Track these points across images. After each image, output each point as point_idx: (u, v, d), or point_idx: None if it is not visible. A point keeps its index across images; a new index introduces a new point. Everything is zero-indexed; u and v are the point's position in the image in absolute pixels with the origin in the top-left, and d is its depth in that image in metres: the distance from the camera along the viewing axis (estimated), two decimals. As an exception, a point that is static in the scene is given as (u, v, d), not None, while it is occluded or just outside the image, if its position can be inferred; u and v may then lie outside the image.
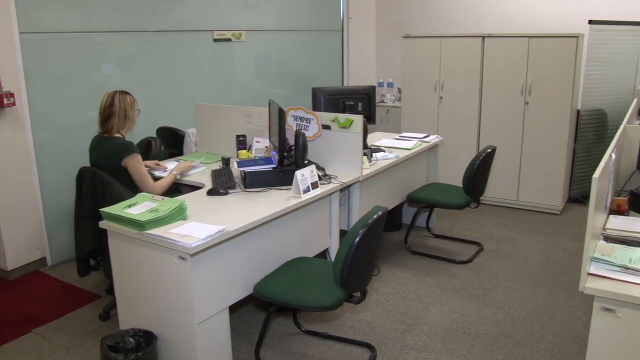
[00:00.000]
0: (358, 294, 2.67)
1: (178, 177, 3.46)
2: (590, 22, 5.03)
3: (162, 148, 4.09)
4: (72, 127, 4.19)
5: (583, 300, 3.48)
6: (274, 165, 3.28)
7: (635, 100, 4.31)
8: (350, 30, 6.88)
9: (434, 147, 4.67)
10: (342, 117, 3.47)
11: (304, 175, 3.03)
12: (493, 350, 2.99)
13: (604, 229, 2.33)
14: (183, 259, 2.40)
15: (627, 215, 2.53)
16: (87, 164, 3.34)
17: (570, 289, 3.67)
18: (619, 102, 5.22)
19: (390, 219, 4.66)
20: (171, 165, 3.73)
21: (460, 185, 4.11)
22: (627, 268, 1.98)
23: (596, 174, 1.85)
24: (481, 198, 4.28)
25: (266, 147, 3.76)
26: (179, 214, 2.62)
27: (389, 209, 4.08)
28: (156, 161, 3.77)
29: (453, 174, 4.40)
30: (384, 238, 4.57)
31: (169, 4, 4.84)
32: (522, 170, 5.31)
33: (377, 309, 3.46)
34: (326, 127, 3.54)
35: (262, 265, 2.85)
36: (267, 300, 2.68)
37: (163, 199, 2.74)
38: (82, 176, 3.21)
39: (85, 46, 4.26)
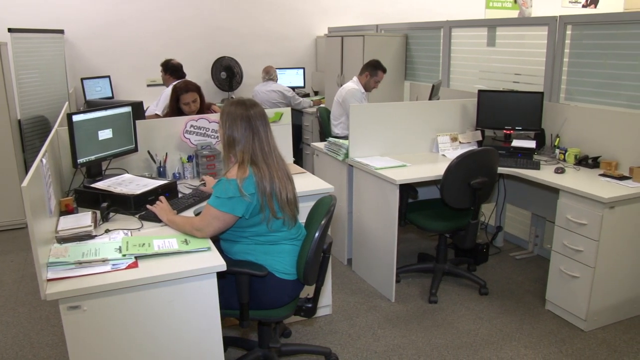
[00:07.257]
0: None
1: None
2: (10, 30, 4.95)
3: None
4: None
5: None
6: None
7: (67, 103, 4.53)
8: None
9: None
10: None
11: None
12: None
13: (57, 232, 2.38)
14: None
15: (77, 213, 2.65)
16: None
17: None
18: (57, 106, 5.37)
19: None
20: None
21: None
22: (81, 262, 2.09)
23: (25, 182, 1.83)
24: None
25: None
26: None
27: None
28: None
29: None
30: None
31: None
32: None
33: None
34: None
35: None
36: None
37: None
38: None
39: None
